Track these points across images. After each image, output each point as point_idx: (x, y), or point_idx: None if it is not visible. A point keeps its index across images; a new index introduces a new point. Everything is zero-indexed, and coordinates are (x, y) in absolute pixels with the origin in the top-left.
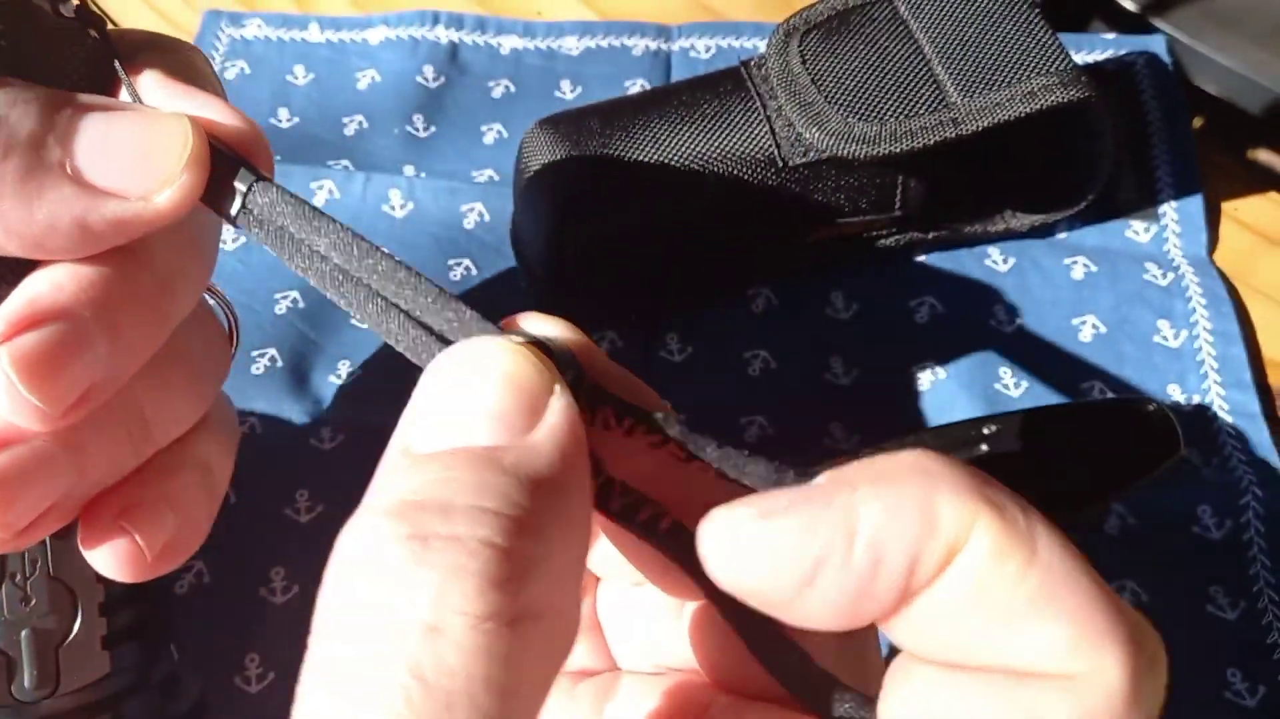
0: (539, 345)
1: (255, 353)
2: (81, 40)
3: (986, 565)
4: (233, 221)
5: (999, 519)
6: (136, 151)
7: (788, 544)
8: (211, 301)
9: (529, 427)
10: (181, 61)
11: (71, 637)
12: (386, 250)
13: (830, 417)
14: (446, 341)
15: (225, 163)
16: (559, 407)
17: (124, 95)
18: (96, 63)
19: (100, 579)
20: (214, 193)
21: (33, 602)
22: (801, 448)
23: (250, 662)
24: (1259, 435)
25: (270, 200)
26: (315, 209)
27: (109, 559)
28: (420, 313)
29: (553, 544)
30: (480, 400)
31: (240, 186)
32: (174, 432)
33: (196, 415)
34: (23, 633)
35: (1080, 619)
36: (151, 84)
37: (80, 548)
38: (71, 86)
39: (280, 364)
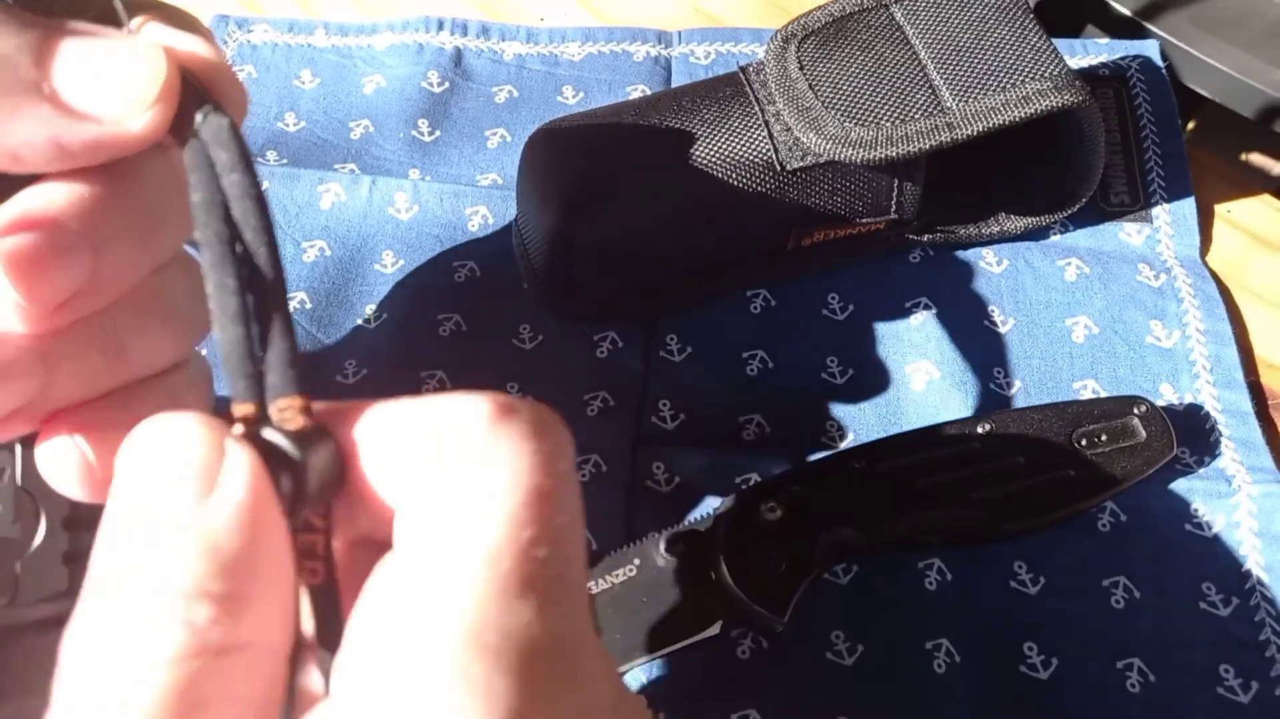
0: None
1: None
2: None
3: None
4: (182, 145)
5: None
6: (112, 78)
7: None
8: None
9: (201, 495)
10: (176, 16)
11: (33, 549)
12: (273, 223)
13: (826, 415)
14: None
15: (194, 95)
16: (234, 472)
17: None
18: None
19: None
20: (180, 123)
21: None
22: (797, 445)
23: None
24: (1251, 434)
25: (213, 130)
26: (247, 155)
27: (58, 467)
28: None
29: (244, 621)
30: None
31: (199, 118)
32: (148, 367)
33: (174, 358)
34: None
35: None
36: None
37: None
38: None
39: None
